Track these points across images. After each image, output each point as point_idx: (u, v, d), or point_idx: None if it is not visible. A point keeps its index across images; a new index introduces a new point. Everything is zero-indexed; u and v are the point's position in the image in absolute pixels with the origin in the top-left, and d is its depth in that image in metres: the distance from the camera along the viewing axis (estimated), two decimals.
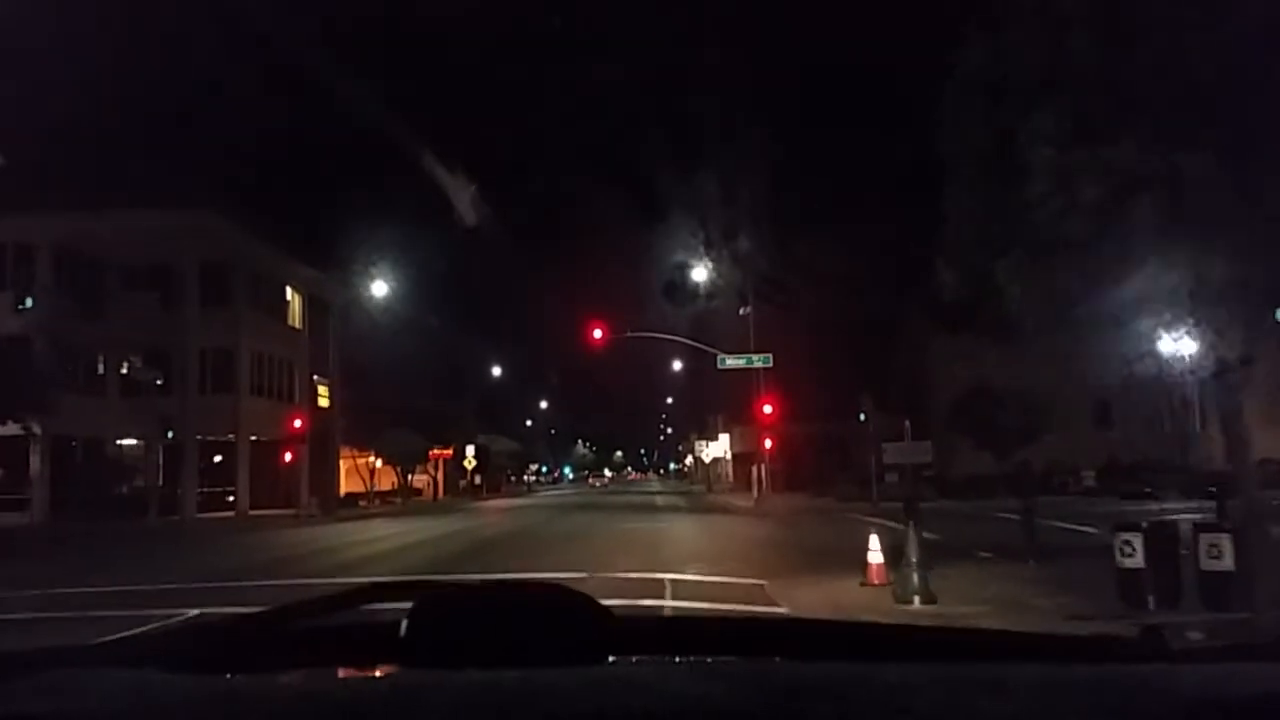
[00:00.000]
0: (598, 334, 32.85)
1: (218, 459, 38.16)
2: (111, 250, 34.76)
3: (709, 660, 1.40)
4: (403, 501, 47.97)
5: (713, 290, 41.66)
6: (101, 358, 36.76)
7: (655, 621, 1.84)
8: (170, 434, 33.54)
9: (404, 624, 1.19)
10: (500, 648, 1.17)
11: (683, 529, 23.97)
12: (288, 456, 34.48)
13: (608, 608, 1.22)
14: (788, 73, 52.25)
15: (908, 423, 31.65)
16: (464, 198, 44.03)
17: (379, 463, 50.94)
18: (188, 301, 36.64)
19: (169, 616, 9.77)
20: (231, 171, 45.36)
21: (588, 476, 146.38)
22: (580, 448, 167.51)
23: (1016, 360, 39.16)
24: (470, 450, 58.89)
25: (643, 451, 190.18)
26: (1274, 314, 10.10)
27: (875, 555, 10.35)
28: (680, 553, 16.51)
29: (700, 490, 63.24)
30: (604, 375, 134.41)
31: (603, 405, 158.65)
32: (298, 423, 34.10)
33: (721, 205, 41.12)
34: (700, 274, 37.33)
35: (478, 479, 64.66)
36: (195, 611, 10.10)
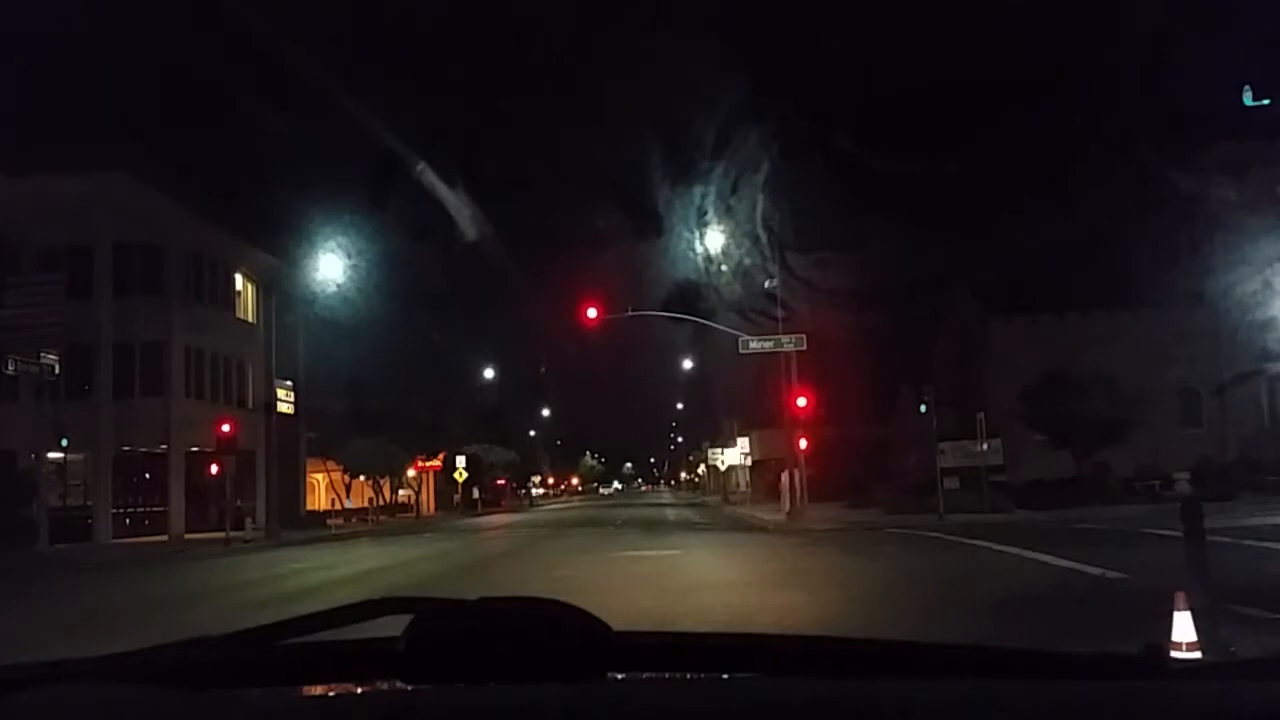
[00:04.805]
0: (592, 313, 27.25)
1: (148, 474, 32.43)
2: (13, 224, 28.95)
3: (708, 677, 1.36)
4: (376, 520, 42.26)
5: (732, 276, 36.21)
6: (11, 356, 30.90)
7: (655, 637, 1.42)
8: (65, 443, 27.76)
9: (402, 640, 1.17)
10: (499, 664, 1.16)
11: (705, 561, 16.78)
12: (214, 469, 28.58)
13: (606, 623, 1.19)
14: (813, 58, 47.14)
15: (981, 415, 25.86)
16: (455, 196, 39.17)
17: (361, 477, 45.78)
18: (100, 285, 30.79)
19: None
20: (187, 151, 40.39)
21: (597, 487, 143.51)
22: (588, 459, 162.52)
23: (1090, 345, 33.51)
24: (461, 461, 53.44)
25: (652, 461, 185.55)
26: None
27: None
28: (714, 623, 9.13)
29: (715, 502, 57.81)
30: (612, 385, 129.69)
31: (611, 416, 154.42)
32: (226, 427, 28.17)
33: (744, 181, 35.64)
34: (716, 241, 31.59)
35: (475, 492, 59.11)
36: None
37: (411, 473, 50.26)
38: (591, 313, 27.68)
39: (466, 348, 64.50)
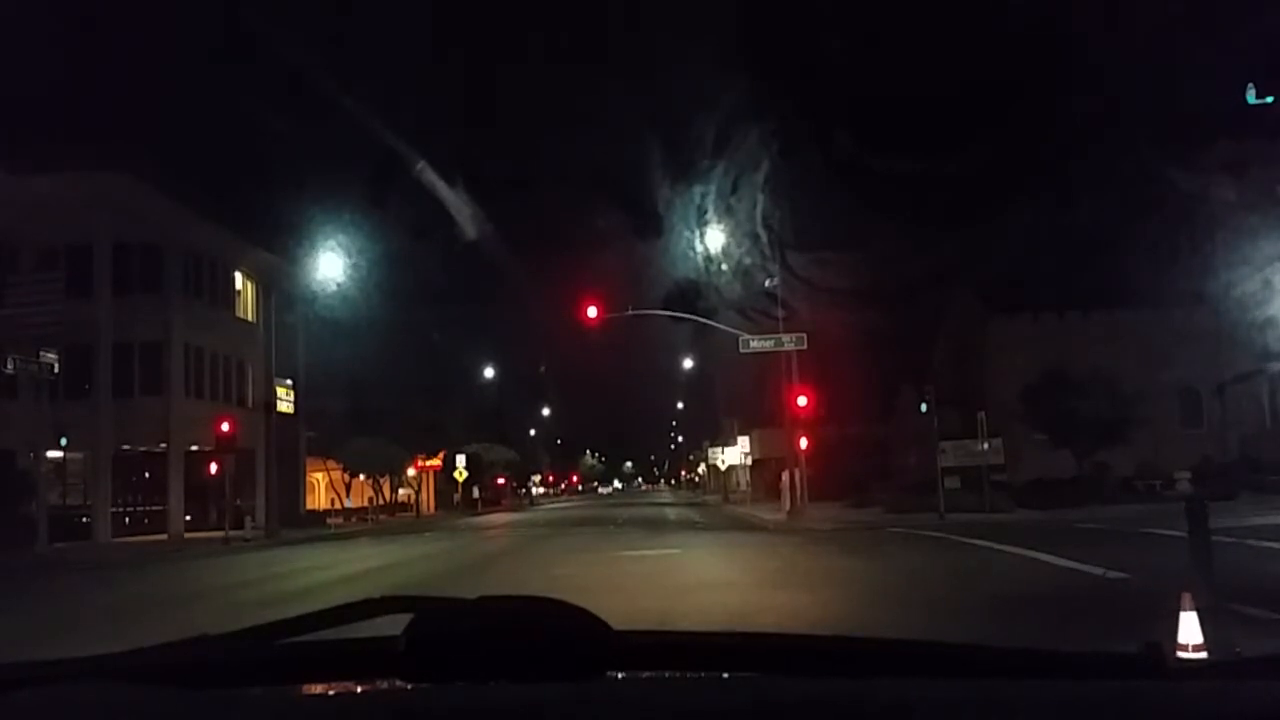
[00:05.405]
0: (592, 311, 27.20)
1: (147, 474, 32.41)
2: (12, 223, 28.89)
3: (707, 676, 1.36)
4: (375, 519, 42.24)
5: (731, 277, 36.19)
6: (10, 354, 30.82)
7: (654, 636, 1.43)
8: (64, 442, 27.71)
9: (402, 639, 1.18)
10: (499, 662, 1.16)
11: (706, 560, 16.64)
12: (213, 468, 28.56)
13: (606, 622, 1.20)
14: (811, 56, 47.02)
15: (982, 414, 25.82)
16: (455, 195, 39.13)
17: (361, 476, 45.79)
18: (99, 284, 30.75)
19: None
20: (187, 150, 40.41)
21: (597, 487, 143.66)
22: (589, 458, 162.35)
23: (1090, 345, 33.47)
24: (461, 460, 53.38)
25: (652, 460, 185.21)
26: None
27: None
28: (714, 623, 9.36)
29: (715, 501, 57.72)
30: (612, 384, 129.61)
31: (611, 415, 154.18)
32: (225, 426, 28.12)
33: (744, 181, 35.55)
34: (716, 240, 31.56)
35: (475, 491, 59.07)
36: None
37: (411, 472, 50.21)
38: (592, 311, 27.66)
39: (467, 347, 64.46)
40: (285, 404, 38.47)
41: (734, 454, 55.14)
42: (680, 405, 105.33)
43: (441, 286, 62.04)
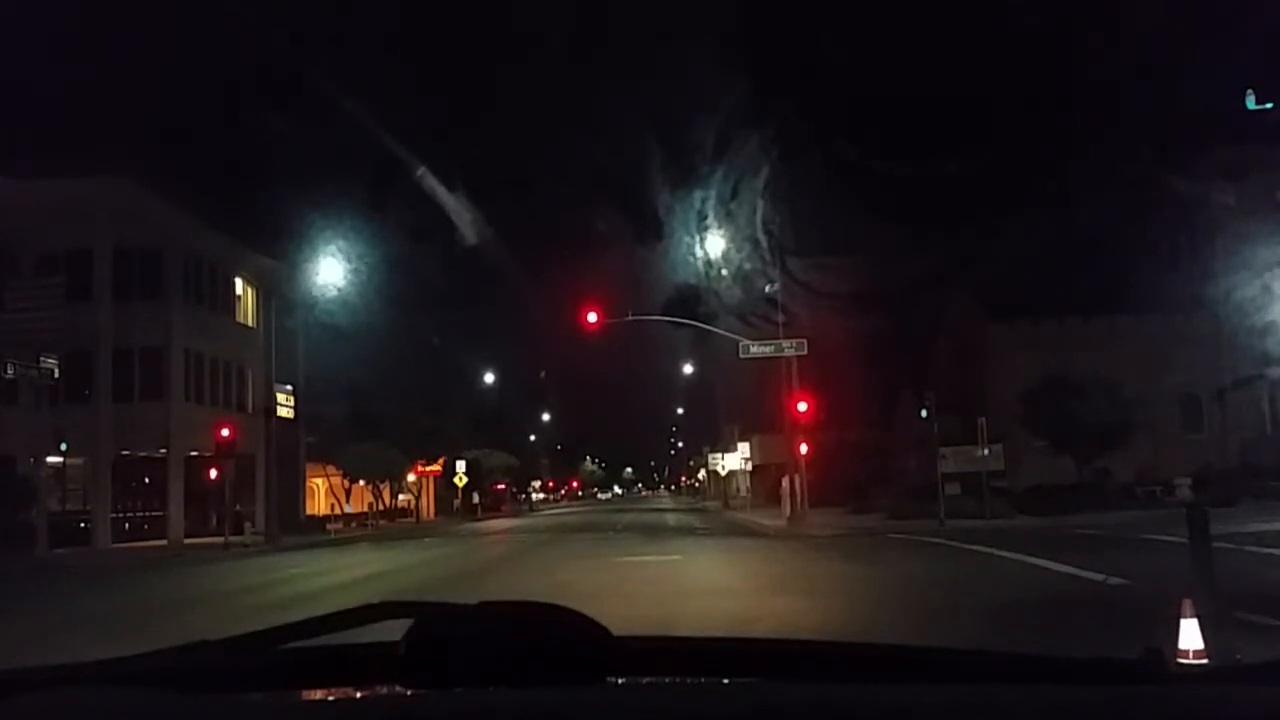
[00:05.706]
0: (592, 317, 27.18)
1: (147, 479, 32.41)
2: (13, 227, 28.91)
3: (707, 681, 1.37)
4: (375, 525, 42.20)
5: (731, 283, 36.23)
6: (10, 360, 30.82)
7: (655, 641, 1.45)
8: (64, 447, 27.68)
9: (403, 644, 1.18)
10: (499, 668, 1.16)
11: (706, 566, 16.65)
12: (213, 473, 28.55)
13: (606, 628, 1.20)
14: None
15: (982, 421, 25.79)
16: (455, 200, 39.21)
17: (361, 481, 45.81)
18: (100, 289, 30.76)
19: None
20: (188, 155, 40.45)
21: (596, 493, 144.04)
22: (589, 463, 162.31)
23: (1090, 350, 33.44)
24: (461, 466, 53.34)
25: (652, 465, 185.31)
26: None
27: None
28: (714, 628, 9.45)
29: (716, 507, 57.66)
30: (612, 389, 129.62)
31: (611, 420, 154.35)
32: (225, 431, 28.13)
33: (744, 185, 35.56)
34: (716, 245, 31.60)
35: (474, 497, 59.01)
36: None
37: (411, 477, 50.19)
38: (592, 317, 27.67)
39: (467, 351, 64.55)
40: (285, 409, 38.44)
41: (734, 459, 55.12)
42: (680, 411, 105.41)
43: (442, 291, 62.29)
